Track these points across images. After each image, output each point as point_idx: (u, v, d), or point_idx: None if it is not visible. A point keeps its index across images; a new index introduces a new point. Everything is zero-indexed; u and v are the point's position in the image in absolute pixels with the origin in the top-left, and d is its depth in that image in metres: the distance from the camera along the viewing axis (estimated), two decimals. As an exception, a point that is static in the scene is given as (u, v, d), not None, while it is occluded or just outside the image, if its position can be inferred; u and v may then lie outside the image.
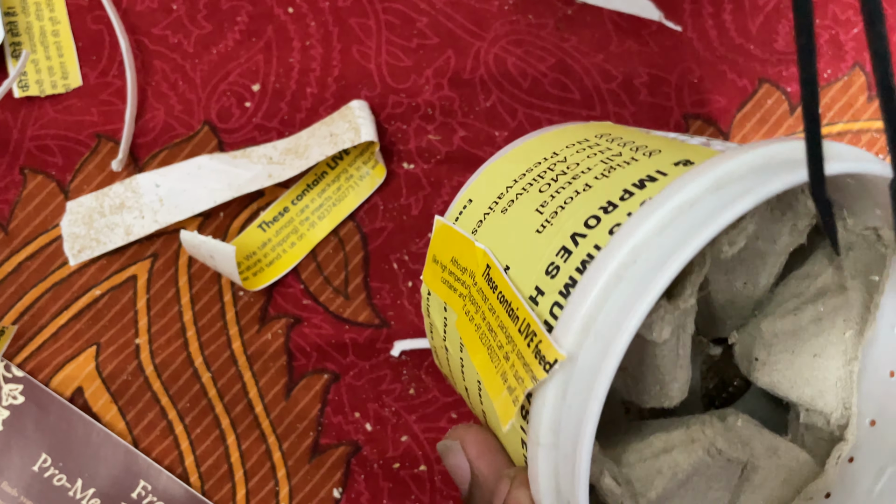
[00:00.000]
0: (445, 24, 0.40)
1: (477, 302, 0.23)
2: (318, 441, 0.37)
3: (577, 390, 0.20)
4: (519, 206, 0.25)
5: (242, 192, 0.37)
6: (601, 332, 0.20)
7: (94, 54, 0.39)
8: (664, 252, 0.19)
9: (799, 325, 0.26)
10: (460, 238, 0.25)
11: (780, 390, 0.27)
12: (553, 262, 0.21)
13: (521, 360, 0.21)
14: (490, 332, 0.22)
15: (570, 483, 0.20)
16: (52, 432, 0.36)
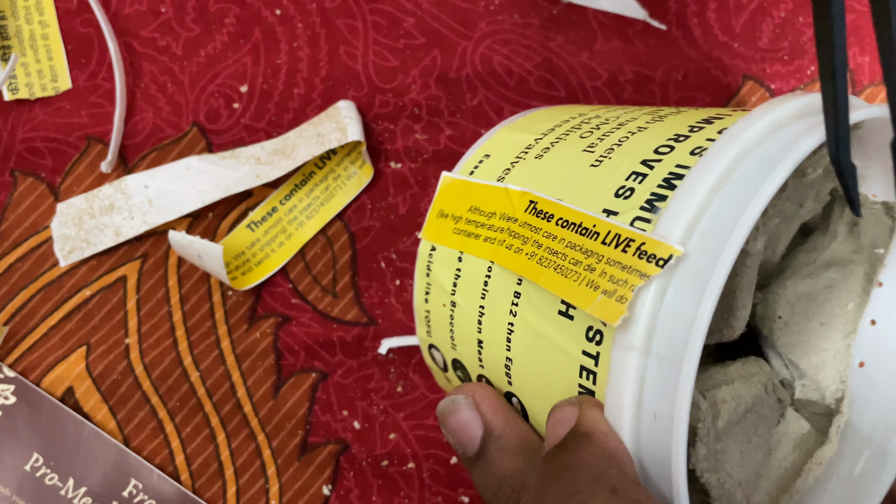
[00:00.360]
0: (432, 24, 0.40)
1: (523, 235, 0.23)
2: (307, 439, 0.37)
3: (681, 292, 0.20)
4: (559, 150, 0.25)
5: (231, 192, 0.37)
6: (709, 232, 0.20)
7: (83, 57, 0.39)
8: (765, 161, 0.20)
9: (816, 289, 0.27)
10: (482, 187, 0.25)
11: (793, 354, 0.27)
12: (623, 186, 0.22)
13: (617, 266, 0.21)
14: (553, 255, 0.22)
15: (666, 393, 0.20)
16: (44, 432, 0.37)
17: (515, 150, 0.27)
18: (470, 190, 0.26)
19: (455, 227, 0.26)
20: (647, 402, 0.20)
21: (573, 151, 0.25)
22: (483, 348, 0.26)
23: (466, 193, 0.26)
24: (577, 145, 0.25)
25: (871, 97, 0.41)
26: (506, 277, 0.24)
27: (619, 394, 0.21)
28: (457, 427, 0.23)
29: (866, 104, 0.23)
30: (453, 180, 0.27)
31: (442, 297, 0.27)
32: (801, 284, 0.27)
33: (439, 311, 0.27)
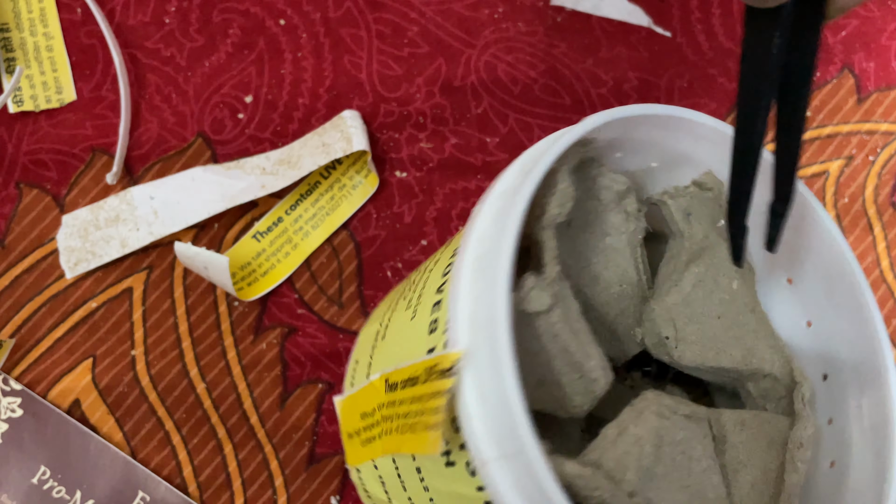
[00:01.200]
0: (436, 33, 0.40)
1: (390, 415, 0.23)
2: (314, 450, 0.37)
3: (493, 387, 0.20)
4: (393, 322, 0.26)
5: (236, 202, 0.37)
6: (484, 320, 0.20)
7: (87, 69, 0.39)
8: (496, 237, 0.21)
9: (685, 293, 0.27)
10: (360, 392, 0.25)
11: (709, 363, 0.27)
12: (430, 322, 0.23)
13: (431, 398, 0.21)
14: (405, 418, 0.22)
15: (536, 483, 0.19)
16: (51, 445, 0.37)
17: (370, 342, 0.28)
18: (355, 401, 0.26)
19: (360, 441, 0.26)
20: (534, 497, 0.20)
21: (401, 317, 0.26)
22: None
23: (354, 406, 0.26)
24: (402, 310, 0.26)
25: (876, 102, 0.41)
26: (404, 459, 0.25)
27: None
28: None
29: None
30: (343, 401, 0.27)
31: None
32: (667, 299, 0.27)
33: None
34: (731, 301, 0.28)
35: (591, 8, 0.40)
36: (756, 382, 0.28)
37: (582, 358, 0.24)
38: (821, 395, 0.28)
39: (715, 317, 0.27)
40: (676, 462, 0.24)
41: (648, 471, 0.23)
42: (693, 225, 0.28)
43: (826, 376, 0.28)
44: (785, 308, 0.29)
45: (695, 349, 0.27)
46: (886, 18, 0.41)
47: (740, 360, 0.27)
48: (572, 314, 0.24)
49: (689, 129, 0.26)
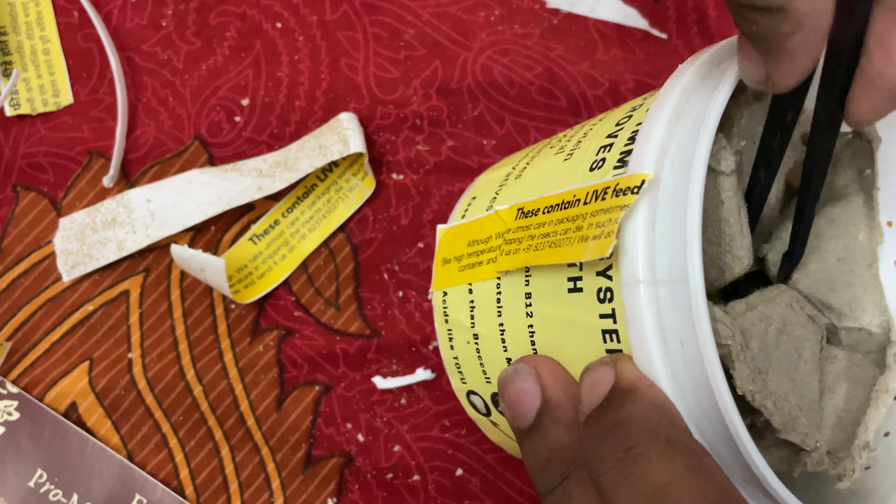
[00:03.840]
0: (432, 35, 0.40)
1: (517, 238, 0.24)
2: (311, 452, 0.37)
3: (666, 217, 0.20)
4: (535, 164, 0.27)
5: (233, 205, 0.37)
6: (676, 158, 0.21)
7: (84, 72, 0.39)
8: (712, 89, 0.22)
9: (818, 227, 0.28)
10: (475, 221, 0.26)
11: (818, 296, 0.28)
12: (595, 160, 0.24)
13: (600, 214, 0.21)
14: (546, 237, 0.23)
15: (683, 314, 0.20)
16: (48, 448, 0.37)
17: (497, 182, 0.28)
18: (465, 230, 0.27)
19: (459, 266, 0.27)
20: (670, 331, 0.20)
21: (548, 159, 0.26)
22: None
23: (462, 234, 0.27)
24: (549, 154, 0.27)
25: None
26: (514, 284, 0.25)
27: (642, 332, 0.20)
28: (514, 396, 0.23)
29: None
30: (448, 229, 0.28)
31: (464, 335, 0.28)
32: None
33: (466, 351, 0.28)
34: (854, 250, 0.28)
35: (587, 10, 0.40)
36: (850, 333, 0.28)
37: (735, 233, 0.24)
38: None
39: (836, 258, 0.28)
40: (789, 354, 0.24)
41: (767, 349, 0.23)
42: (839, 172, 0.29)
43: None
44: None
45: (813, 278, 0.28)
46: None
47: (847, 303, 0.28)
48: (741, 193, 0.25)
49: None
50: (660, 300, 0.20)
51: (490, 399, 0.28)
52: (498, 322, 0.26)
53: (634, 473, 0.18)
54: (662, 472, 0.18)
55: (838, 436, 0.26)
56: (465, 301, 0.27)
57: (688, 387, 0.20)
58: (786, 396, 0.23)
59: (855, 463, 0.25)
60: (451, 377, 0.30)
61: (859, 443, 0.25)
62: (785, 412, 0.23)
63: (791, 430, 0.23)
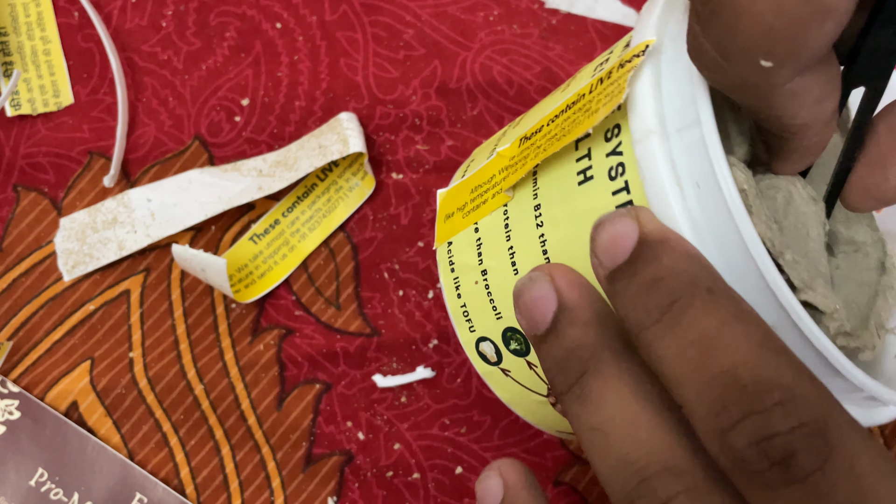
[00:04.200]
0: (431, 35, 0.40)
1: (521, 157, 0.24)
2: (311, 451, 0.37)
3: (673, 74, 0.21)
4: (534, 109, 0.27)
5: (233, 204, 0.37)
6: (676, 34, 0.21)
7: (84, 72, 0.39)
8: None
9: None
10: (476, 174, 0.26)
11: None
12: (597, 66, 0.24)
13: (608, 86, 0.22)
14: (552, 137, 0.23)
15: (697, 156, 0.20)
16: (48, 447, 0.37)
17: (495, 139, 0.28)
18: (466, 183, 0.27)
19: (463, 214, 0.26)
20: (685, 179, 0.20)
21: (549, 101, 0.26)
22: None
23: (464, 187, 0.27)
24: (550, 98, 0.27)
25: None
26: (522, 202, 0.25)
27: (659, 182, 0.20)
28: (530, 304, 0.22)
29: None
30: (449, 190, 0.28)
31: (472, 275, 0.27)
32: None
33: (474, 293, 0.27)
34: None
35: (586, 10, 0.40)
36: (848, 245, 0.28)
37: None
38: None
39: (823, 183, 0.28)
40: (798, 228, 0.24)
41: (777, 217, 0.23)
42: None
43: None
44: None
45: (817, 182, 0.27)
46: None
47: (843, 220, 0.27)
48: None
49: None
50: (672, 150, 0.20)
51: (501, 339, 0.27)
52: (507, 247, 0.25)
53: (681, 324, 0.18)
54: (709, 320, 0.18)
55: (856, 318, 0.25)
56: (471, 241, 0.27)
57: (708, 234, 0.20)
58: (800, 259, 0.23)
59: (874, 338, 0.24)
60: (458, 331, 0.29)
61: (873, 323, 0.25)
62: (801, 269, 0.22)
63: (810, 289, 0.22)
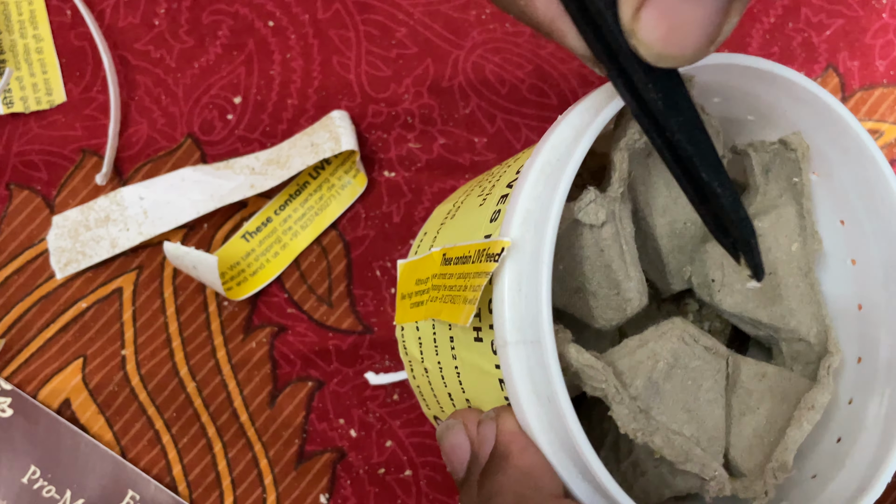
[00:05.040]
0: (424, 34, 0.40)
1: (441, 285, 0.25)
2: (304, 448, 0.37)
3: (528, 278, 0.21)
4: (465, 205, 0.28)
5: (225, 202, 0.37)
6: (537, 219, 0.22)
7: (77, 70, 0.40)
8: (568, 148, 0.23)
9: None
10: (421, 260, 0.27)
11: (748, 313, 0.28)
12: (495, 211, 0.24)
13: (474, 276, 0.23)
14: (450, 290, 0.24)
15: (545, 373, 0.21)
16: (41, 444, 0.37)
17: (440, 219, 0.29)
18: (413, 267, 0.28)
19: (410, 303, 0.27)
20: (540, 388, 0.22)
21: (472, 201, 0.27)
22: (453, 399, 0.27)
23: (412, 271, 0.28)
24: (475, 195, 0.27)
25: (860, 101, 0.41)
26: (442, 328, 0.26)
27: (515, 391, 0.22)
28: (449, 450, 0.25)
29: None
30: (404, 265, 0.29)
31: (418, 367, 0.29)
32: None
33: (423, 382, 0.30)
34: (787, 261, 0.28)
35: (578, 9, 0.40)
36: (790, 344, 0.29)
37: (622, 277, 0.25)
38: (849, 376, 0.28)
39: (767, 272, 0.28)
40: (685, 386, 0.25)
41: (656, 385, 0.24)
42: (770, 182, 0.29)
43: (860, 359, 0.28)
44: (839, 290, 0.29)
45: (737, 297, 0.28)
46: (870, 17, 0.42)
47: (779, 317, 0.28)
48: (624, 235, 0.25)
49: (788, 88, 0.26)
50: (529, 359, 0.22)
51: None
52: (437, 360, 0.27)
53: None
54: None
55: (755, 457, 0.26)
56: (415, 337, 0.29)
57: (559, 441, 0.22)
58: (679, 429, 0.24)
59: (767, 486, 0.25)
60: (420, 402, 0.31)
61: (774, 464, 0.25)
62: (677, 445, 0.23)
63: (687, 461, 0.24)
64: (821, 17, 0.41)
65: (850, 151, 0.27)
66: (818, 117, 0.26)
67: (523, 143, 0.40)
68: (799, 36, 0.41)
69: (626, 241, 0.25)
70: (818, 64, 0.41)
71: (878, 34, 0.41)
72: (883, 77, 0.41)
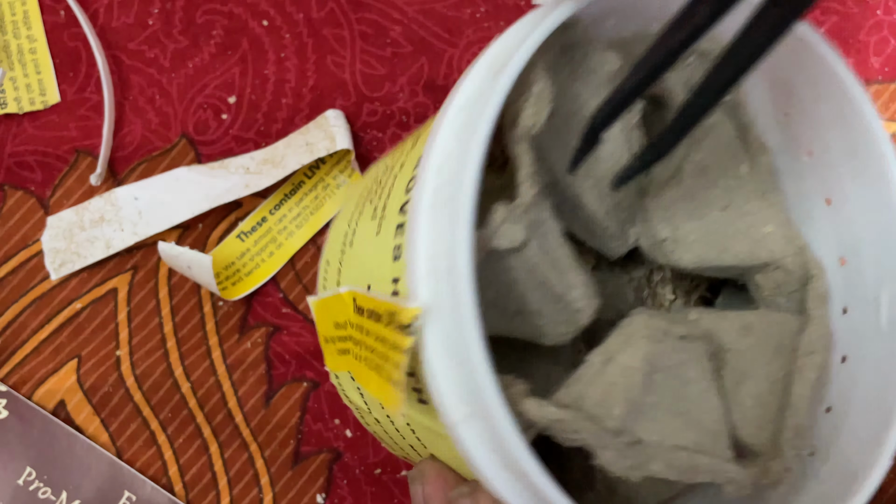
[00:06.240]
0: (418, 33, 0.40)
1: (361, 340, 0.21)
2: (300, 448, 0.37)
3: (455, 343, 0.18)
4: (360, 230, 0.24)
5: (220, 202, 0.37)
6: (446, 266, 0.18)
7: (71, 71, 0.39)
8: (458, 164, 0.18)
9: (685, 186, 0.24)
10: (333, 299, 0.23)
11: (709, 262, 0.24)
12: (395, 246, 0.20)
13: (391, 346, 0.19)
14: (368, 350, 0.20)
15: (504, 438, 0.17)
16: (36, 445, 0.37)
17: (339, 244, 0.25)
18: (326, 306, 0.24)
19: (336, 350, 0.24)
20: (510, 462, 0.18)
21: (367, 225, 0.23)
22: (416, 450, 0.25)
23: (327, 311, 0.24)
24: (368, 216, 0.23)
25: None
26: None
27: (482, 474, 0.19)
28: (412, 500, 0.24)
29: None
30: (316, 302, 0.25)
31: (368, 416, 0.26)
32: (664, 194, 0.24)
33: (378, 430, 0.27)
34: (739, 187, 0.25)
35: (573, 7, 0.40)
36: (766, 275, 0.25)
37: (563, 289, 0.22)
38: (836, 282, 0.25)
39: (720, 208, 0.24)
40: (670, 388, 0.22)
41: (637, 403, 0.21)
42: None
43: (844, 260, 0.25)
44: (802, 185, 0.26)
45: (695, 249, 0.24)
46: (865, 14, 0.42)
47: (747, 254, 0.24)
48: (551, 241, 0.21)
49: None
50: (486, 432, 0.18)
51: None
52: (385, 414, 0.24)
53: None
54: None
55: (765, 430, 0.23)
56: (353, 386, 0.25)
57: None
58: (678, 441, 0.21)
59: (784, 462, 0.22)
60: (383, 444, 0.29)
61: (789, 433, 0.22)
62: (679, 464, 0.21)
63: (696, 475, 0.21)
64: (815, 15, 0.41)
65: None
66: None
67: (518, 142, 0.40)
68: (794, 33, 0.41)
69: (557, 247, 0.22)
70: (813, 61, 0.41)
71: (873, 31, 0.41)
72: (878, 74, 0.41)
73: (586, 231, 0.25)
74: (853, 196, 0.24)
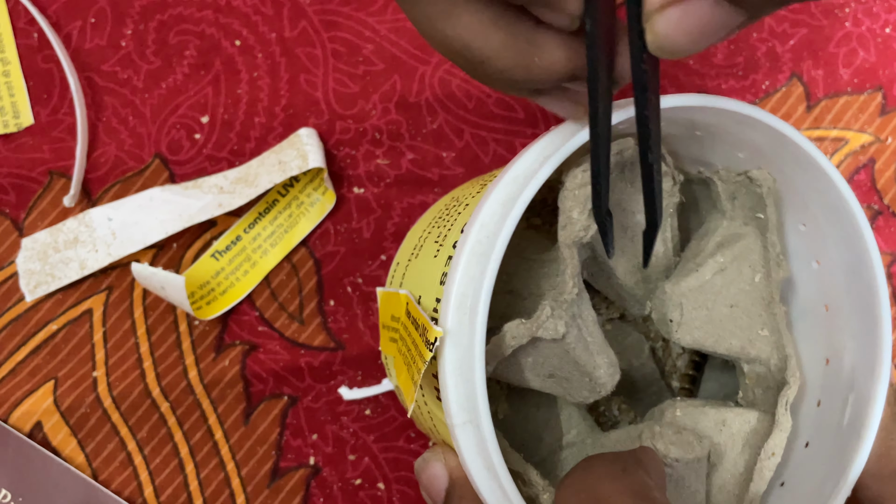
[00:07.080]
0: (390, 50, 0.41)
1: (404, 337, 0.25)
2: (278, 465, 0.37)
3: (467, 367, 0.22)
4: (424, 247, 0.28)
5: (193, 222, 0.37)
6: (471, 305, 0.22)
7: (44, 93, 0.40)
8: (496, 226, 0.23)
9: (703, 280, 0.28)
10: (394, 295, 0.27)
11: (705, 347, 0.28)
12: (444, 272, 0.25)
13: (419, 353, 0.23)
14: (407, 351, 0.24)
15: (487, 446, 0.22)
16: (12, 468, 0.37)
17: (409, 252, 0.29)
18: (387, 299, 0.28)
19: (388, 336, 0.28)
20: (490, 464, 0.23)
21: (430, 247, 0.27)
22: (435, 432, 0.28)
23: (388, 302, 0.28)
24: (433, 238, 0.27)
25: (825, 109, 0.41)
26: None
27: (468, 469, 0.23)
28: (427, 481, 0.26)
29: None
30: (383, 293, 0.29)
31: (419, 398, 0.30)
32: (683, 283, 0.28)
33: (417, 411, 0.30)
34: (750, 292, 0.29)
35: (543, 22, 0.41)
36: (751, 367, 0.29)
37: (591, 368, 0.26)
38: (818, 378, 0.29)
39: (727, 305, 0.28)
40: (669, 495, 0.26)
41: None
42: (736, 209, 0.29)
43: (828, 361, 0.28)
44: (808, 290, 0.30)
45: (696, 334, 0.28)
46: (834, 26, 0.42)
47: (738, 349, 0.28)
48: (587, 328, 0.26)
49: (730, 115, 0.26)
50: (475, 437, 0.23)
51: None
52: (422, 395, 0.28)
53: None
54: None
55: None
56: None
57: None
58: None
59: None
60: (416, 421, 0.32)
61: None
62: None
63: None
64: (784, 27, 0.42)
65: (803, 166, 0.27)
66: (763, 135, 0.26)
67: (491, 157, 0.40)
68: (763, 46, 0.42)
69: (590, 333, 0.26)
70: (782, 73, 0.41)
71: (842, 42, 0.42)
72: (847, 85, 0.42)
73: (616, 295, 0.30)
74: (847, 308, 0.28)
